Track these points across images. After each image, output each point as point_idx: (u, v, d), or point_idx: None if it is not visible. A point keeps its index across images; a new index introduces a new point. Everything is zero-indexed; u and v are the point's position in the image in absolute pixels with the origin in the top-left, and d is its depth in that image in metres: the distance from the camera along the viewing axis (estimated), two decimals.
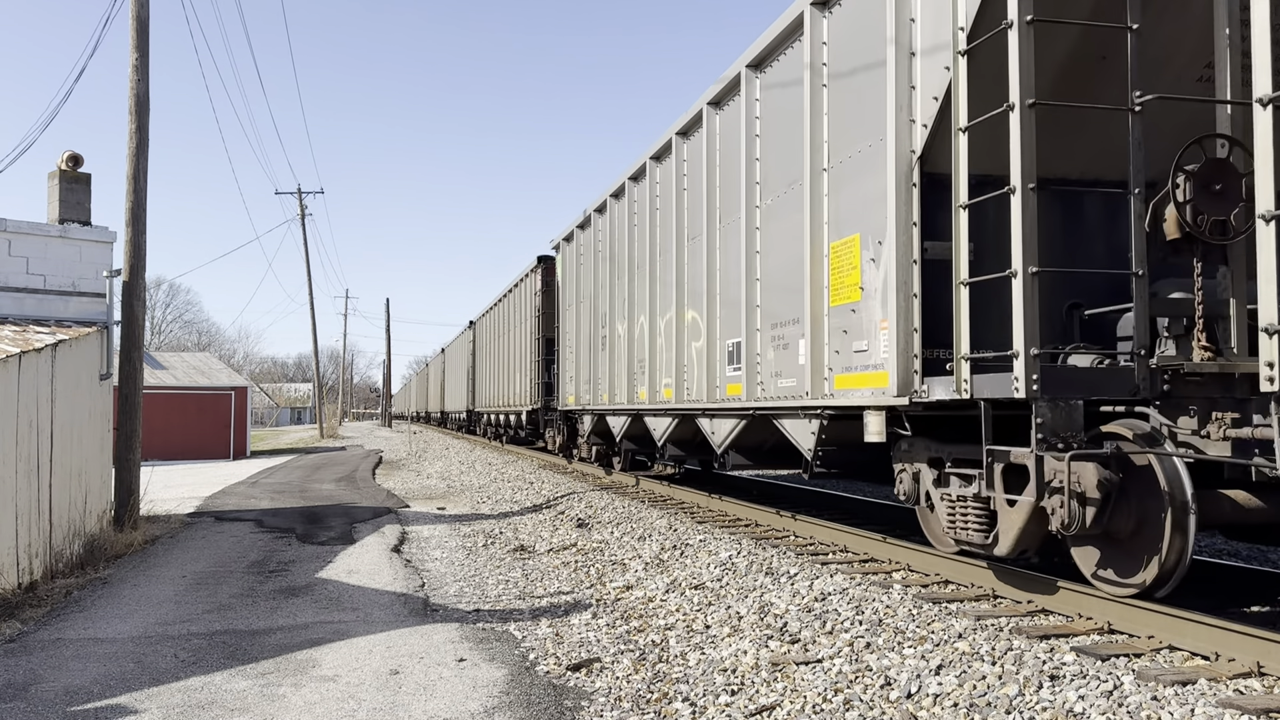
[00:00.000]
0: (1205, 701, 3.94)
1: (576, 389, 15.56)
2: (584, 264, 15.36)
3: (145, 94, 11.86)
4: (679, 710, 4.73)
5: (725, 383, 9.15)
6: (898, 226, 6.18)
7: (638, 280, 12.30)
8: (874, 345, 6.44)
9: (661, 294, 11.32)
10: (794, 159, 7.81)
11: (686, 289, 10.41)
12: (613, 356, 13.37)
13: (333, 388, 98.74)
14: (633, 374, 12.45)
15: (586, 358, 14.97)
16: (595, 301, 14.45)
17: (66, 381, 9.30)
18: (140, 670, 5.64)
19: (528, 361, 20.56)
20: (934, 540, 6.82)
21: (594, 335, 14.48)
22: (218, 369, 33.95)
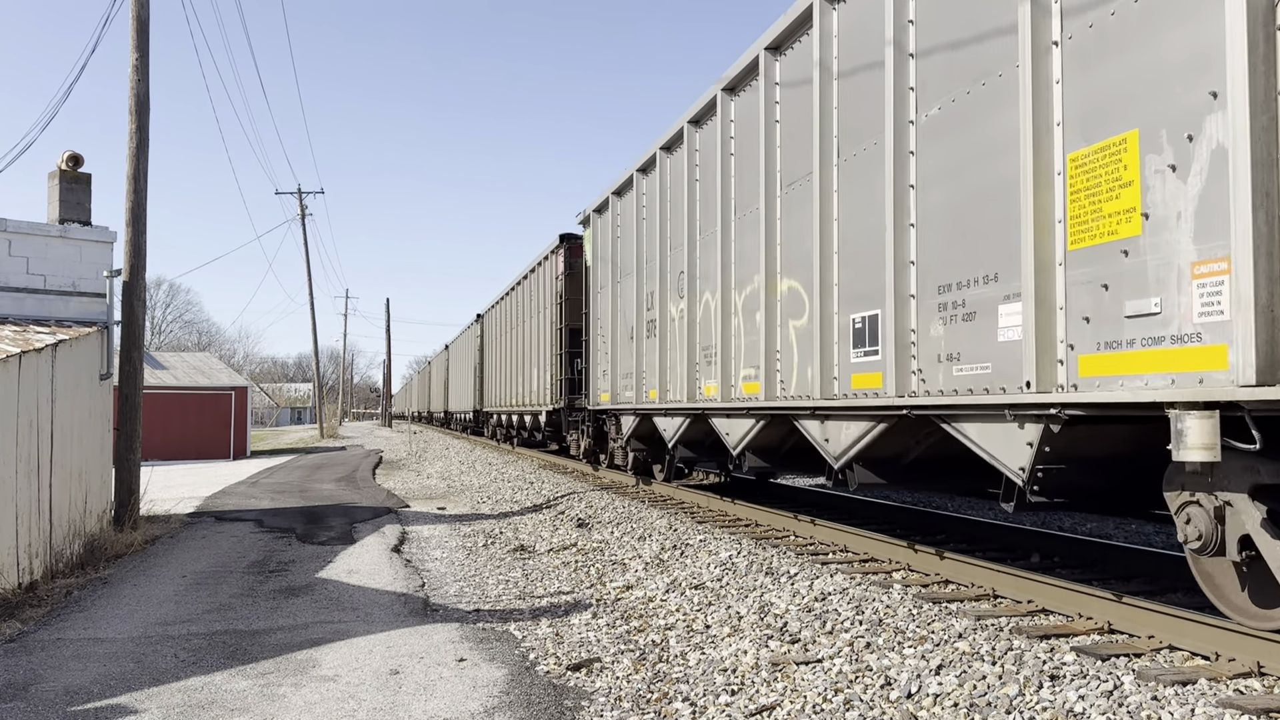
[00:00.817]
0: (1205, 701, 3.94)
1: (612, 385, 13.49)
2: (623, 236, 13.16)
3: (145, 94, 11.86)
4: (679, 710, 4.73)
5: (848, 372, 6.95)
6: (1251, 100, 3.95)
7: (703, 248, 10.07)
8: (1178, 302, 4.26)
9: (739, 262, 9.11)
10: (989, 24, 5.45)
11: (780, 252, 8.22)
12: (664, 345, 11.24)
13: (333, 388, 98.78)
14: (694, 365, 10.25)
15: (627, 348, 12.90)
16: (639, 280, 12.20)
17: (66, 381, 9.30)
18: (140, 670, 5.64)
19: (547, 355, 18.59)
20: (1232, 611, 4.69)
21: (637, 320, 12.30)
22: (218, 369, 33.95)
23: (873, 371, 6.63)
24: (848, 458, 7.18)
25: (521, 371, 21.96)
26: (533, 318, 20.59)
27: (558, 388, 17.64)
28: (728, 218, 9.34)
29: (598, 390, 14.40)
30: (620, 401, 13.15)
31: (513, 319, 23.49)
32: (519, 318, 22.51)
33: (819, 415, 7.55)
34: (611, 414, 14.10)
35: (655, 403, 11.46)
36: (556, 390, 17.75)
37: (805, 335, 7.68)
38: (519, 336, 22.39)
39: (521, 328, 22.04)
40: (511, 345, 23.60)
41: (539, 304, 19.86)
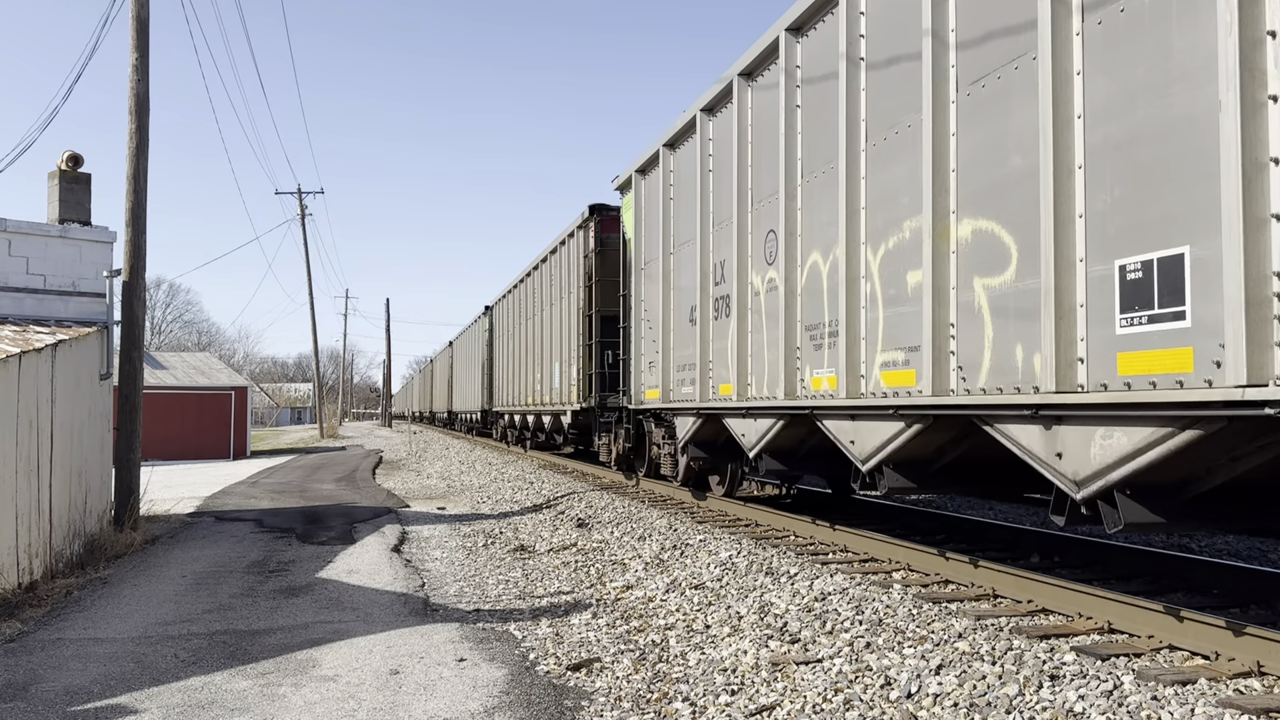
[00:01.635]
0: (1205, 701, 3.94)
1: (663, 380, 11.29)
2: (679, 196, 10.94)
3: (145, 94, 11.86)
4: (679, 710, 4.73)
5: (1111, 350, 4.68)
6: None
7: (809, 195, 7.77)
8: None
9: (877, 205, 6.73)
10: None
11: (958, 181, 5.86)
12: (742, 327, 8.97)
13: (333, 388, 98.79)
14: (794, 350, 7.93)
15: (684, 334, 10.67)
16: (703, 248, 9.95)
17: (66, 381, 9.30)
18: (140, 670, 5.64)
19: (573, 347, 16.31)
20: None
21: (701, 299, 9.99)
22: (218, 369, 33.96)
23: (1171, 348, 4.33)
24: (1104, 484, 4.81)
25: (539, 367, 19.77)
26: (554, 305, 18.29)
27: (586, 384, 15.52)
28: (855, 146, 6.98)
29: (641, 386, 12.28)
30: (676, 399, 10.91)
31: (528, 309, 21.32)
32: (536, 307, 20.34)
33: (1045, 417, 5.14)
34: (660, 415, 11.89)
35: (729, 400, 9.20)
36: (584, 387, 15.59)
37: (1011, 298, 5.32)
38: (536, 328, 20.18)
39: (539, 318, 19.89)
40: (527, 338, 21.38)
41: (562, 289, 17.52)
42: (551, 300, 18.58)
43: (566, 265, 17.21)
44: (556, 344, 17.95)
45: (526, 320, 21.47)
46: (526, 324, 21.43)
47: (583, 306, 15.84)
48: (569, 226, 17.10)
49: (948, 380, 5.93)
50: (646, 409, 12.24)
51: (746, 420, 9.03)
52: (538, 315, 20.04)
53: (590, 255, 15.47)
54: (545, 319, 19.25)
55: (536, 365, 20.04)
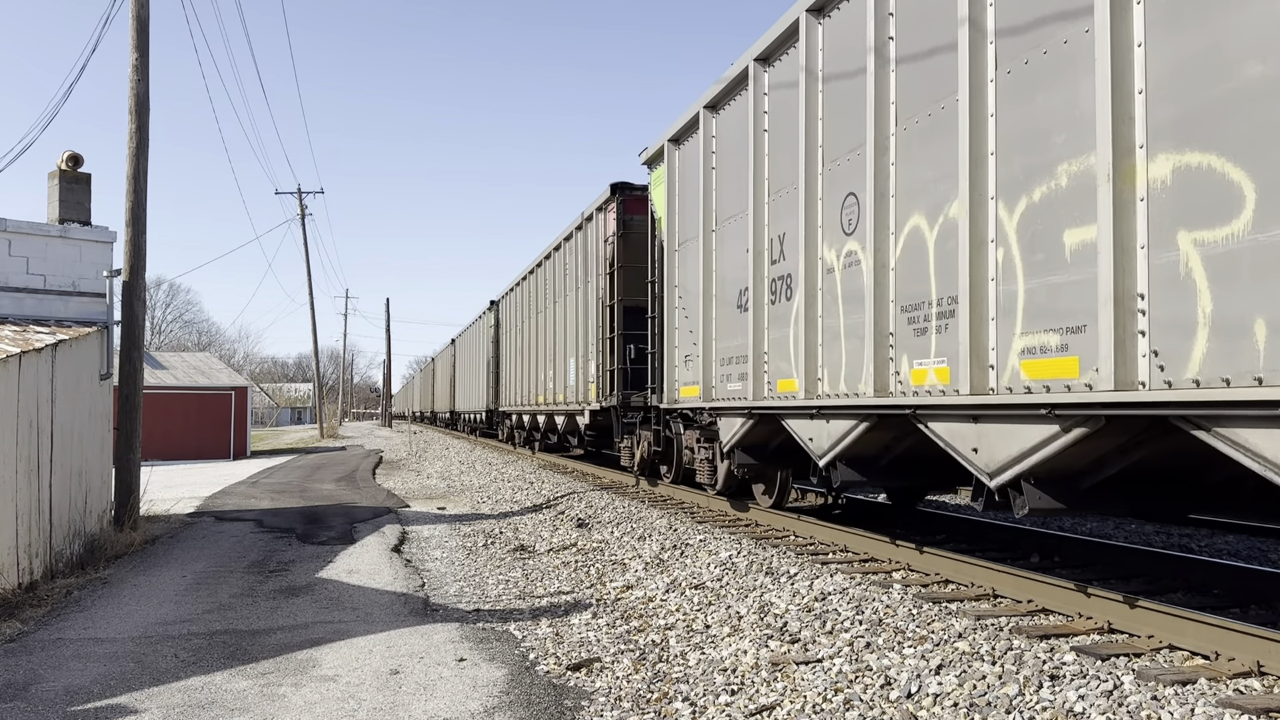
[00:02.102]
0: (1205, 701, 3.94)
1: (704, 375, 9.98)
2: (723, 165, 9.66)
3: (145, 94, 11.86)
4: (679, 710, 4.73)
5: None
6: None
7: (907, 146, 6.45)
8: None
9: (1013, 146, 5.45)
10: None
11: (1151, 106, 4.57)
12: (810, 311, 7.63)
13: (333, 388, 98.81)
14: (884, 336, 6.63)
15: (731, 322, 9.39)
16: (755, 221, 8.70)
17: (66, 381, 9.30)
18: (140, 670, 5.64)
19: (592, 341, 15.01)
20: None
21: (754, 280, 8.68)
22: (218, 369, 33.96)
23: None
24: None
25: (551, 364, 18.39)
26: (569, 296, 16.96)
27: (606, 381, 14.14)
28: (981, 76, 5.64)
29: (675, 383, 10.96)
30: (720, 397, 9.57)
31: (539, 301, 19.96)
32: (547, 299, 18.97)
33: None
34: (696, 415, 10.61)
35: (791, 398, 7.95)
36: (605, 384, 14.24)
37: (1245, 255, 4.06)
38: (548, 322, 18.82)
39: (552, 310, 18.47)
40: (537, 333, 19.96)
41: (578, 278, 16.14)
42: (566, 290, 17.16)
43: (584, 252, 15.77)
44: (572, 338, 16.58)
45: (537, 314, 20.08)
46: (537, 318, 20.05)
47: (603, 296, 14.45)
48: (586, 209, 15.56)
49: (1134, 370, 4.56)
50: (681, 408, 10.92)
51: (815, 422, 7.70)
52: (550, 308, 18.64)
53: (612, 239, 14.05)
54: (559, 311, 17.82)
55: (548, 362, 18.71)
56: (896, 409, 6.45)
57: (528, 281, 21.54)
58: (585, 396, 15.46)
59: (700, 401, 10.09)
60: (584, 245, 15.82)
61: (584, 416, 15.51)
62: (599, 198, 14.81)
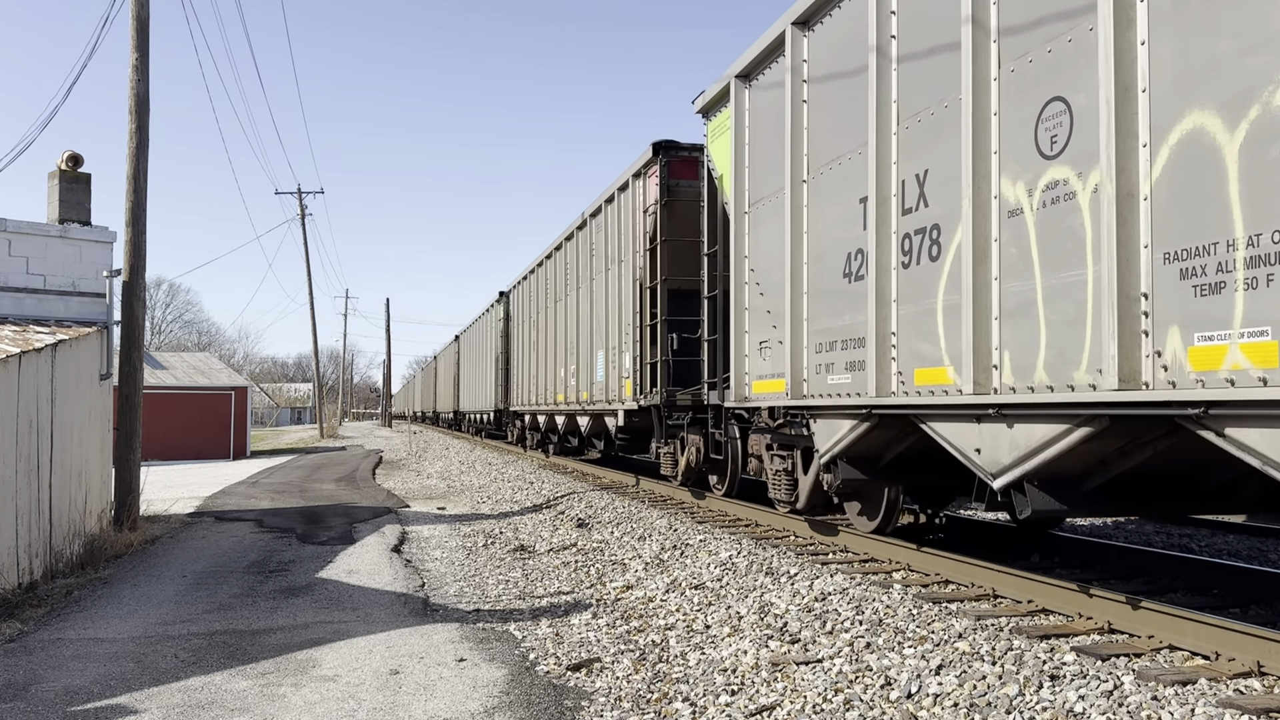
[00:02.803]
0: (1205, 701, 3.94)
1: (792, 364, 7.90)
2: (823, 95, 7.63)
3: (145, 94, 11.86)
4: (679, 710, 4.73)
5: None
6: None
7: (1190, 8, 4.39)
8: None
9: None
10: None
11: None
12: (982, 272, 5.64)
13: (333, 388, 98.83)
14: (1130, 299, 4.66)
15: (835, 295, 7.36)
16: (880, 158, 6.70)
17: (66, 381, 9.30)
18: (140, 670, 5.64)
19: (626, 330, 13.03)
20: None
21: (879, 236, 6.69)
22: (218, 369, 33.97)
23: None
24: None
25: (573, 357, 16.39)
26: (596, 280, 14.90)
27: (645, 376, 12.16)
28: None
29: (746, 376, 8.99)
30: (818, 392, 7.53)
31: (557, 289, 17.98)
32: (569, 285, 16.99)
33: None
34: (776, 415, 8.57)
35: (942, 392, 5.99)
36: (643, 380, 12.23)
37: None
38: (569, 311, 16.86)
39: (574, 298, 16.51)
40: (556, 325, 17.98)
41: (608, 258, 14.16)
42: (593, 273, 15.14)
43: (616, 227, 13.72)
44: (600, 328, 14.57)
45: (556, 303, 18.08)
46: (556, 307, 18.03)
47: (641, 277, 12.43)
48: (619, 177, 13.44)
49: None
50: (754, 407, 8.86)
51: (987, 427, 5.67)
52: (573, 295, 16.63)
53: (654, 209, 11.93)
54: (584, 298, 15.81)
55: (570, 356, 16.74)
56: (1159, 407, 4.46)
57: (544, 268, 19.39)
58: (618, 394, 13.39)
59: (785, 399, 7.97)
60: (617, 219, 13.66)
61: (615, 418, 13.50)
62: (636, 161, 12.54)
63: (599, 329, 14.70)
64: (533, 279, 20.84)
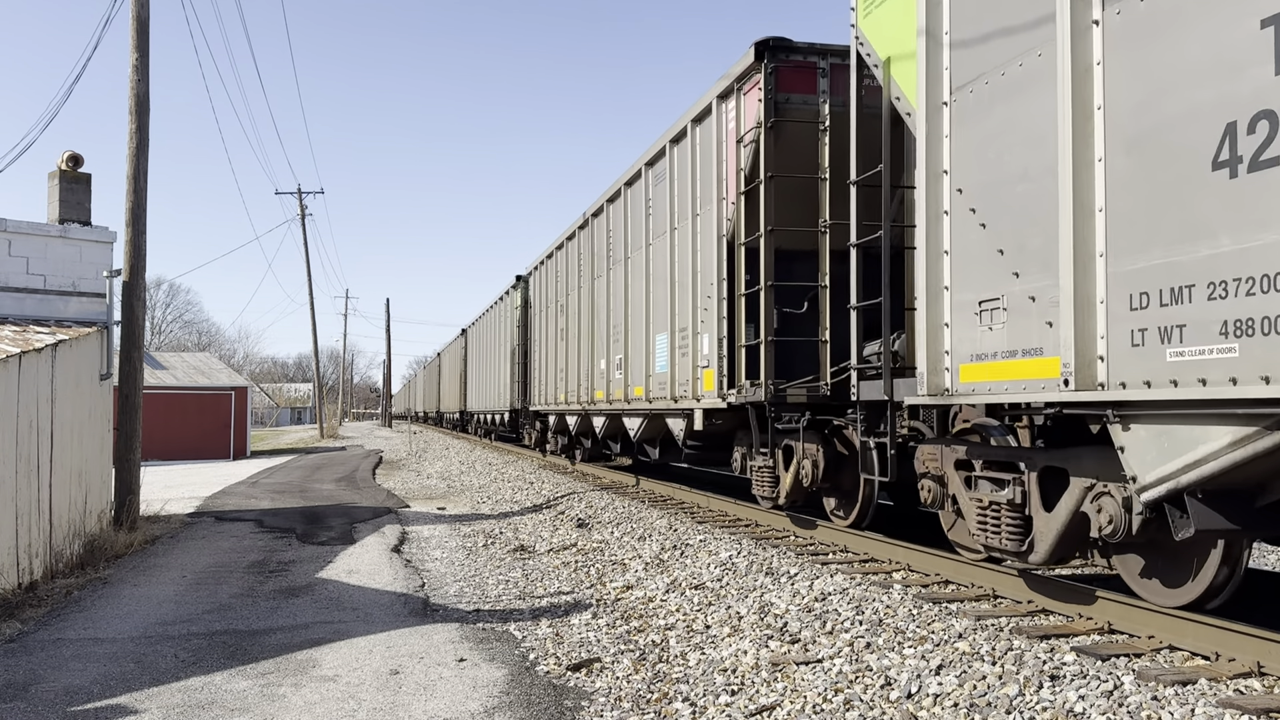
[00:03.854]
0: (1205, 701, 3.94)
1: (1076, 331, 4.74)
2: None
3: (145, 94, 11.86)
4: (679, 710, 4.73)
5: None
6: None
7: None
8: None
9: None
10: None
11: None
12: None
13: (333, 388, 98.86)
14: None
15: (1195, 205, 4.15)
16: None
17: (66, 381, 9.30)
18: (140, 670, 5.64)
19: (706, 304, 9.83)
20: None
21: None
22: (218, 369, 33.98)
23: None
24: None
25: (619, 344, 13.25)
26: (656, 244, 11.73)
27: (738, 363, 9.07)
28: None
29: (945, 355, 5.92)
30: (1147, 377, 4.38)
31: (595, 264, 14.77)
32: (611, 257, 13.82)
33: None
34: (1007, 416, 6.03)
35: None
36: (733, 369, 9.20)
37: None
38: (612, 289, 13.72)
39: (620, 271, 13.24)
40: (594, 306, 14.77)
41: (677, 212, 10.88)
42: (650, 238, 11.95)
43: (689, 171, 10.49)
44: (660, 306, 11.45)
45: (595, 280, 14.82)
46: (594, 285, 14.81)
47: (730, 232, 9.22)
48: (694, 104, 10.29)
49: None
50: (970, 401, 5.91)
51: None
52: (616, 270, 13.49)
53: (754, 136, 8.67)
54: (633, 271, 12.68)
55: (612, 344, 13.63)
56: None
57: (576, 241, 16.20)
58: (691, 389, 10.25)
59: (1057, 390, 4.91)
60: (691, 160, 10.44)
61: (686, 420, 10.49)
62: (730, 72, 9.28)
63: (659, 307, 11.53)
64: (560, 256, 17.64)
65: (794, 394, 8.38)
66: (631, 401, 12.57)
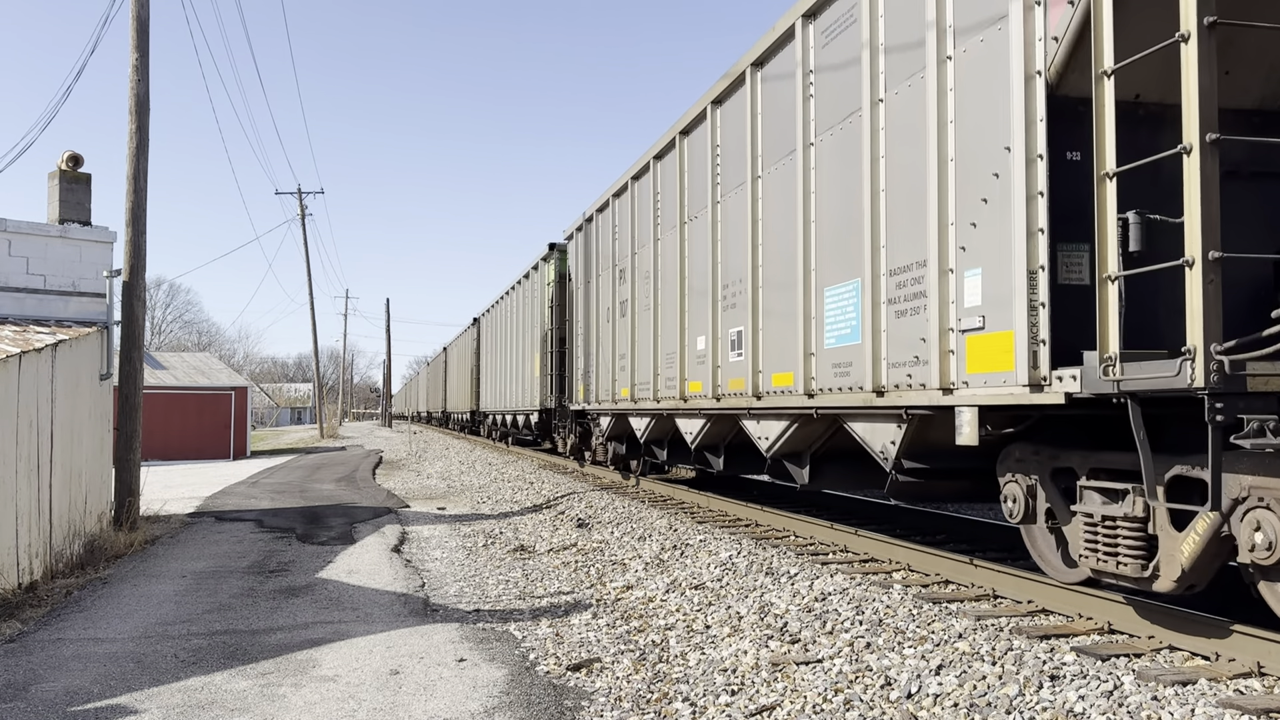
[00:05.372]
0: (1205, 701, 3.94)
1: None
2: None
3: (145, 94, 11.86)
4: (679, 710, 4.73)
5: None
6: None
7: None
8: None
9: None
10: None
11: None
12: None
13: (333, 388, 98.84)
14: None
15: None
16: None
17: (66, 381, 9.30)
18: (140, 670, 5.64)
19: (972, 219, 5.46)
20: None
21: None
22: (218, 369, 33.97)
23: None
24: None
25: (735, 314, 9.03)
26: (833, 135, 7.14)
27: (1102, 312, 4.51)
28: None
29: None
30: None
31: (688, 198, 10.30)
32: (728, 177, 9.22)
33: None
34: None
35: None
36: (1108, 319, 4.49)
37: None
38: (729, 225, 9.21)
39: (739, 200, 8.86)
40: (690, 259, 10.30)
41: (901, 65, 6.23)
42: (819, 130, 7.40)
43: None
44: (847, 234, 6.94)
45: (688, 222, 10.32)
46: (689, 229, 10.31)
47: (1065, 67, 4.95)
48: None
49: None
50: None
51: None
52: (736, 195, 8.98)
53: None
54: (779, 186, 8.10)
55: (725, 311, 9.30)
56: None
57: (650, 178, 11.58)
58: (937, 374, 5.80)
59: None
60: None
61: (901, 427, 6.37)
62: None
63: (841, 239, 7.03)
64: (618, 208, 13.20)
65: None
66: (765, 395, 8.26)
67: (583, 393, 15.55)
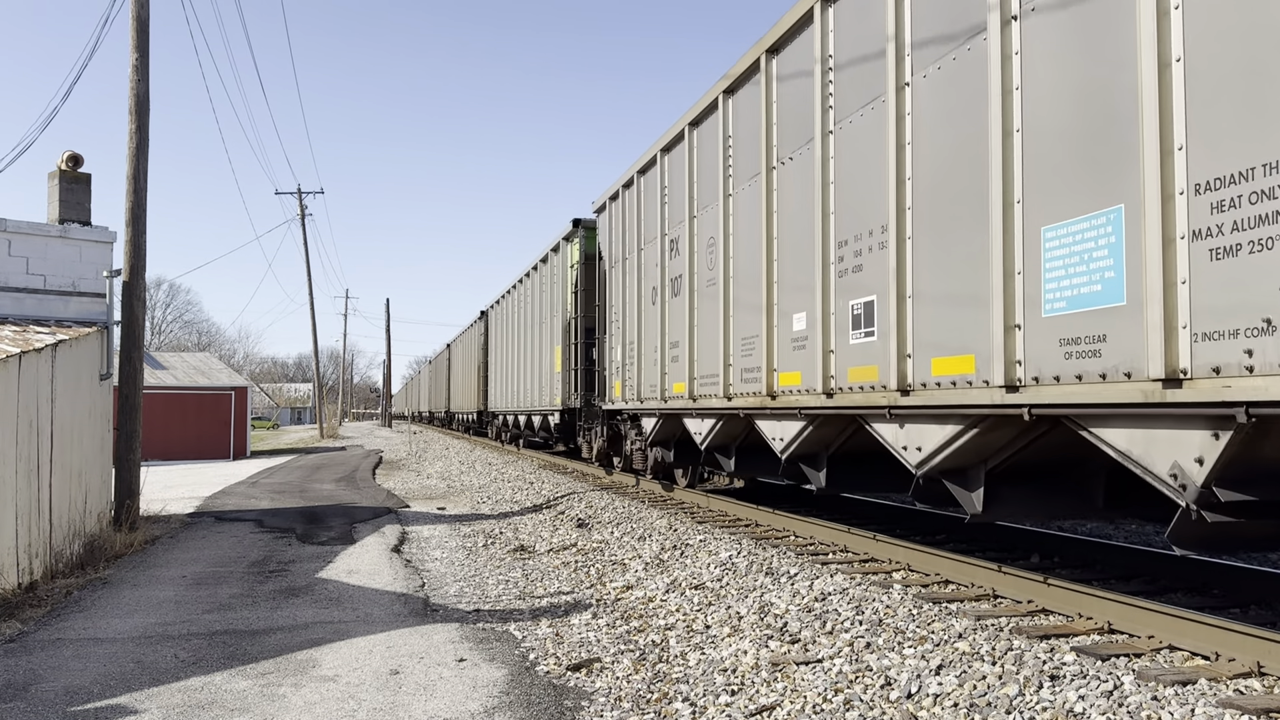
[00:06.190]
0: (1205, 701, 3.94)
1: None
2: None
3: (145, 94, 11.86)
4: (679, 710, 4.73)
5: None
6: None
7: None
8: None
9: None
10: None
11: None
12: None
13: (333, 388, 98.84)
14: None
15: None
16: None
17: (66, 381, 9.30)
18: (140, 670, 5.64)
19: None
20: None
21: None
22: (218, 369, 33.96)
23: None
24: None
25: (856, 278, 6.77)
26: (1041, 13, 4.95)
27: None
28: None
29: None
30: None
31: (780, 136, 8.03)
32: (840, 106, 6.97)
33: None
34: None
35: None
36: None
37: None
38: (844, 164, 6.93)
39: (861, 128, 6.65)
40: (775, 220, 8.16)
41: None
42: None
43: None
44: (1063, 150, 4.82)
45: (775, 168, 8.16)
46: (776, 177, 8.14)
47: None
48: None
49: None
50: None
51: None
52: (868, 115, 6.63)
53: None
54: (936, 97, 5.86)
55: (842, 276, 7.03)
56: None
57: (714, 123, 9.50)
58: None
59: None
60: None
61: (1214, 437, 4.21)
62: None
63: (1059, 157, 4.93)
64: (667, 165, 11.06)
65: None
66: (915, 390, 6.11)
67: (619, 390, 13.22)
